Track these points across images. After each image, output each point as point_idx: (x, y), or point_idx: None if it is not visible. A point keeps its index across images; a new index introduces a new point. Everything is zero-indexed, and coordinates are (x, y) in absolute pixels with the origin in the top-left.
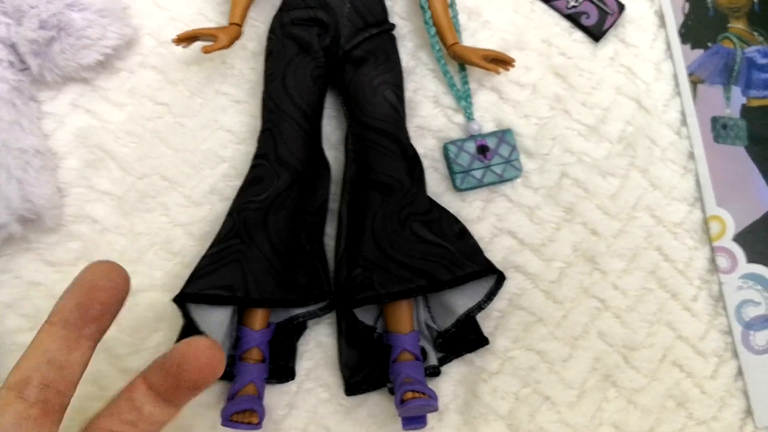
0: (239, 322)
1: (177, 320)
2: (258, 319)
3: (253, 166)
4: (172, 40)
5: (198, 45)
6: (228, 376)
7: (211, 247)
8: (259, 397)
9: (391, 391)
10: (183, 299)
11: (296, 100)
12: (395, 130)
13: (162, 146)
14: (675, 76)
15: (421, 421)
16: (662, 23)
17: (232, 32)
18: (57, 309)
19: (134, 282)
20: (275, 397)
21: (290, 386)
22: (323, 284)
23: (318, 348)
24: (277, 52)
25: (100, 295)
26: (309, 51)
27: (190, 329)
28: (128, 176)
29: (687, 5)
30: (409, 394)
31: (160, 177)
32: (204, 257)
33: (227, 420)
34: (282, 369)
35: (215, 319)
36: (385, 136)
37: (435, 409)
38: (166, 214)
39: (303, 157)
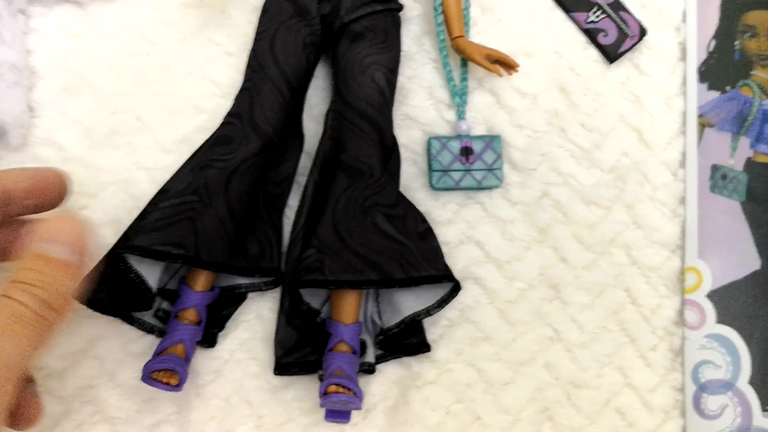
0: (182, 280)
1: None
2: (201, 280)
3: (224, 124)
4: None
5: None
6: (160, 332)
7: (165, 199)
8: (187, 359)
9: (321, 379)
10: (132, 251)
11: (281, 65)
12: (377, 115)
13: (142, 85)
14: (684, 115)
15: (344, 416)
16: (683, 57)
17: None
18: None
19: (87, 215)
20: (204, 361)
21: (221, 353)
22: (274, 259)
23: (258, 320)
24: (272, 10)
25: (47, 194)
26: (305, 16)
27: (114, 272)
28: (102, 109)
29: (713, 43)
30: (333, 388)
31: (134, 116)
32: (156, 209)
33: (146, 376)
34: (209, 336)
35: (147, 271)
36: (365, 119)
37: (357, 407)
38: (133, 155)
39: (277, 125)
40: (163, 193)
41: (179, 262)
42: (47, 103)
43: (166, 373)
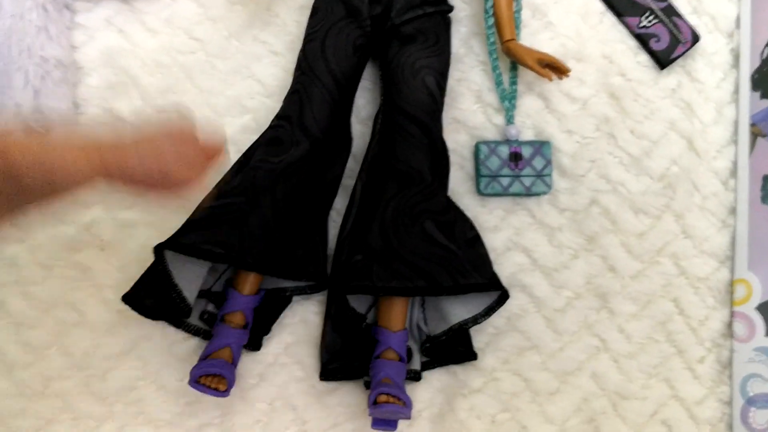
0: (228, 283)
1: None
2: (248, 283)
3: (274, 126)
4: None
5: None
6: (205, 334)
7: (213, 198)
8: (234, 363)
9: (367, 386)
10: (175, 248)
11: (332, 66)
12: (429, 120)
13: (188, 83)
14: (736, 123)
15: (391, 424)
16: (735, 64)
17: None
18: None
19: (132, 216)
20: (248, 365)
21: (266, 357)
22: (319, 263)
23: (302, 324)
24: (323, 11)
25: None
26: (356, 17)
27: (157, 276)
28: (148, 107)
29: (767, 50)
30: (383, 397)
31: (179, 115)
32: (203, 209)
33: (194, 381)
34: (254, 339)
35: (191, 274)
36: (417, 125)
37: (407, 417)
38: None
39: (327, 127)
40: (211, 195)
41: (223, 263)
42: (92, 99)
43: (214, 378)
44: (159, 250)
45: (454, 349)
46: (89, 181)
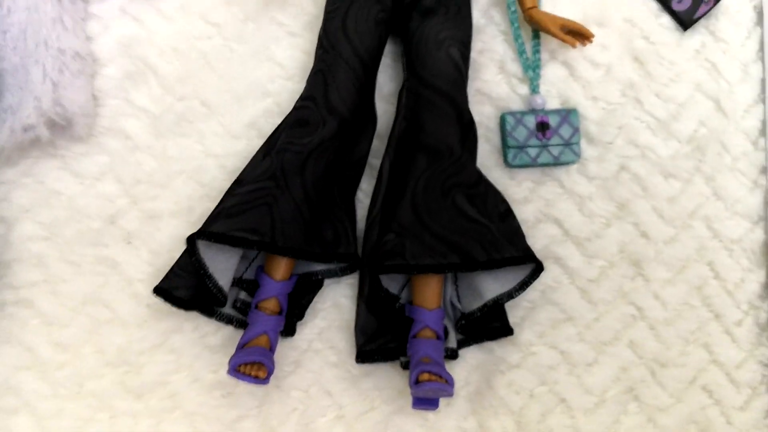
0: (260, 270)
1: None
2: (281, 268)
3: (299, 108)
4: None
5: None
6: (239, 323)
7: (242, 184)
8: (271, 350)
9: (404, 366)
10: (208, 237)
11: (355, 44)
12: (454, 91)
13: (207, 69)
14: (763, 81)
15: (433, 403)
16: (759, 21)
17: None
18: None
19: (158, 206)
20: (282, 352)
21: (299, 343)
22: (350, 244)
23: (335, 308)
24: None
25: None
26: None
27: (189, 266)
28: (168, 96)
29: None
30: (426, 376)
31: (200, 102)
32: (233, 195)
33: (234, 370)
34: (289, 325)
35: (224, 263)
36: (443, 97)
37: (450, 394)
38: (201, 142)
39: (353, 106)
40: (238, 182)
41: (255, 249)
42: (111, 90)
43: (254, 366)
44: (191, 240)
45: (489, 325)
46: None
